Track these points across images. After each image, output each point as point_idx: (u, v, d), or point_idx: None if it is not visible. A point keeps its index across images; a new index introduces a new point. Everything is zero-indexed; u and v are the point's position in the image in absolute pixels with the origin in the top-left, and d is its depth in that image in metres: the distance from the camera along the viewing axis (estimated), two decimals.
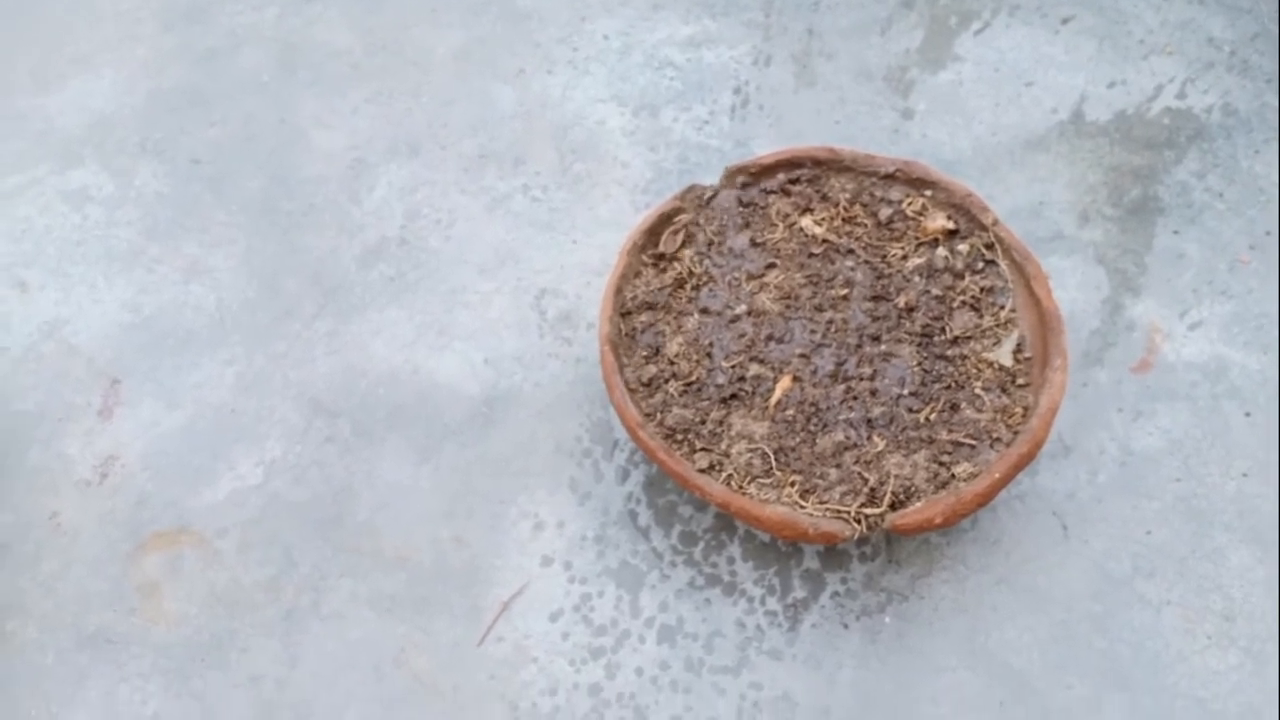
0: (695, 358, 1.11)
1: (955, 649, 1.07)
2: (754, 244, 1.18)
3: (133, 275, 1.35)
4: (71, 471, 1.20)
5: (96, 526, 1.16)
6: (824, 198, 1.21)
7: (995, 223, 1.15)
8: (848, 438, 1.05)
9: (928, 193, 1.19)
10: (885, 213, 1.19)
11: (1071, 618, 1.09)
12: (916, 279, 1.15)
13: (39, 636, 1.10)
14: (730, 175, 1.22)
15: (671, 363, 1.10)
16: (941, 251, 1.16)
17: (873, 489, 1.00)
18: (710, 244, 1.19)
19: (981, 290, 1.13)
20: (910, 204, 1.19)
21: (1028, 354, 1.09)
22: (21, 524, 1.17)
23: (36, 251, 1.38)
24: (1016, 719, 1.04)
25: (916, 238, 1.17)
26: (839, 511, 0.99)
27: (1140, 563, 1.11)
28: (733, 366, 1.10)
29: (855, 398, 1.07)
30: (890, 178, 1.20)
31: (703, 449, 1.05)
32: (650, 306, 1.14)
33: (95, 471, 1.20)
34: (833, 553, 1.13)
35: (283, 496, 1.17)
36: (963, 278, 1.14)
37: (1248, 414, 1.19)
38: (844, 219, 1.19)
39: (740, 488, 1.02)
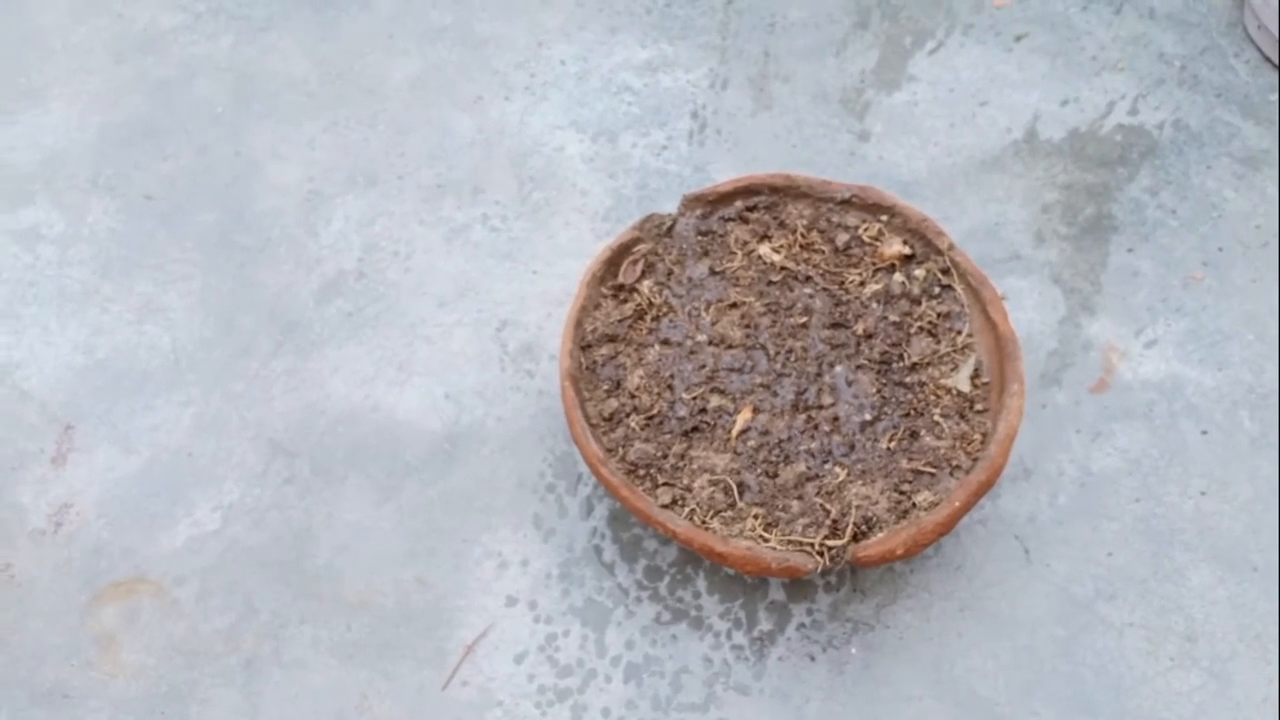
0: (656, 390, 1.10)
1: (922, 678, 1.08)
2: (713, 272, 1.18)
3: (86, 316, 1.33)
4: (25, 521, 1.18)
5: (51, 577, 1.14)
6: (781, 224, 1.21)
7: (951, 247, 1.16)
8: (809, 468, 1.05)
9: (884, 218, 1.20)
10: (842, 239, 1.19)
11: (1035, 642, 1.09)
12: (874, 305, 1.15)
13: None
14: (688, 204, 1.22)
15: (633, 396, 1.10)
16: (898, 277, 1.16)
17: (835, 520, 1.00)
18: (670, 273, 1.19)
19: (938, 315, 1.14)
20: (867, 229, 1.19)
21: (985, 379, 1.10)
22: None
23: None
24: None
25: (873, 263, 1.18)
26: (802, 544, 0.99)
27: (1102, 585, 1.11)
28: (694, 398, 1.10)
29: (816, 427, 1.07)
30: (846, 203, 1.20)
31: (665, 484, 1.05)
32: (611, 339, 1.14)
33: (50, 520, 1.18)
34: (798, 583, 1.13)
35: (241, 541, 1.15)
36: (919, 303, 1.15)
37: (1204, 431, 1.21)
38: (802, 245, 1.19)
39: (703, 522, 1.01)
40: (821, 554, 0.99)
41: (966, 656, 1.08)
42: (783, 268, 1.18)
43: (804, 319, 1.14)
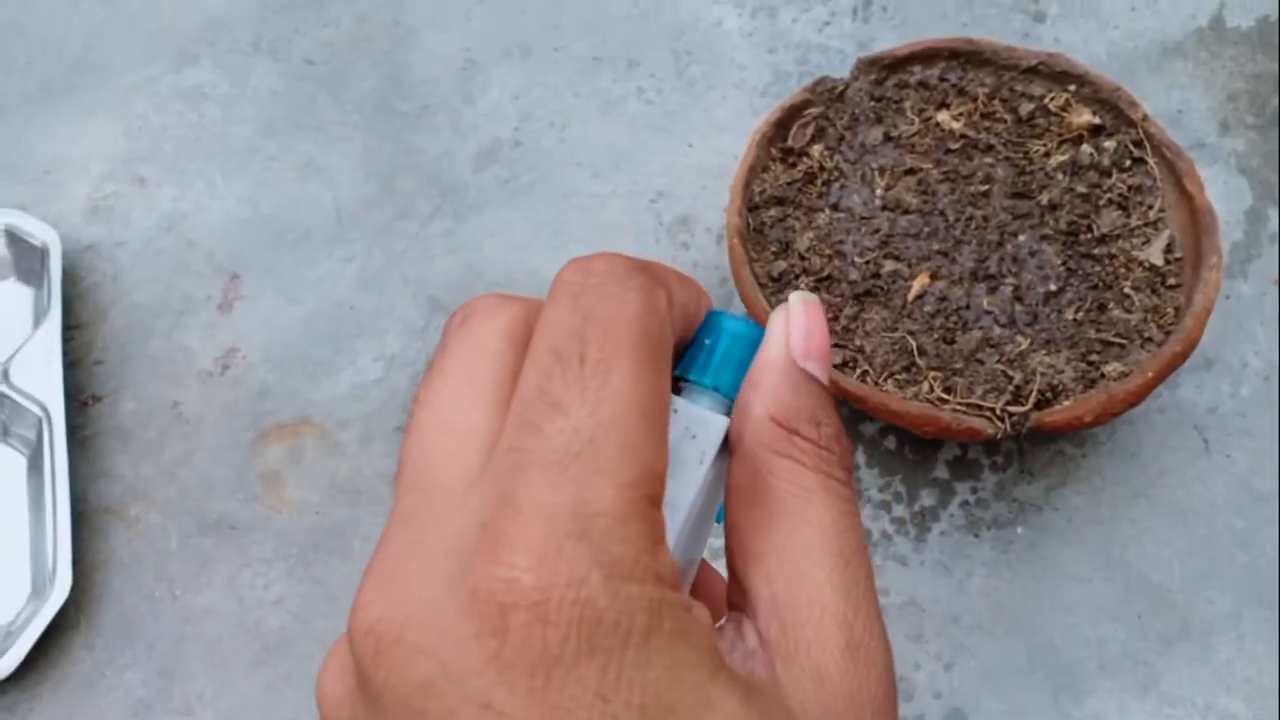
0: (827, 253, 1.07)
1: (1090, 560, 1.04)
2: (887, 139, 1.14)
3: (249, 172, 1.35)
4: (193, 362, 1.20)
5: (218, 416, 1.17)
6: (961, 92, 1.16)
7: (1145, 118, 1.10)
8: (989, 336, 1.01)
9: (1071, 87, 1.14)
10: (1026, 108, 1.13)
11: (1213, 532, 1.05)
12: (1060, 176, 1.10)
13: (163, 521, 1.12)
14: (862, 68, 1.17)
15: (802, 258, 1.07)
16: (1086, 148, 1.11)
17: (1017, 387, 0.97)
18: (841, 139, 1.15)
19: (1129, 188, 1.08)
20: (1053, 99, 1.13)
21: (1178, 254, 1.04)
22: (144, 412, 1.18)
23: (153, 148, 1.38)
24: (1154, 631, 1.01)
25: (1059, 134, 1.12)
26: (982, 408, 0.96)
27: None
28: (866, 263, 1.07)
29: (997, 295, 1.03)
30: (1032, 71, 1.15)
31: (836, 345, 1.02)
32: (779, 201, 1.11)
33: (216, 363, 1.20)
34: (962, 462, 1.10)
35: (403, 391, 1.16)
36: (1109, 175, 1.09)
37: None
38: (983, 114, 1.14)
39: (877, 383, 0.99)
40: (1003, 419, 0.95)
41: (1139, 542, 1.04)
42: (962, 136, 1.13)
43: (985, 188, 1.10)
